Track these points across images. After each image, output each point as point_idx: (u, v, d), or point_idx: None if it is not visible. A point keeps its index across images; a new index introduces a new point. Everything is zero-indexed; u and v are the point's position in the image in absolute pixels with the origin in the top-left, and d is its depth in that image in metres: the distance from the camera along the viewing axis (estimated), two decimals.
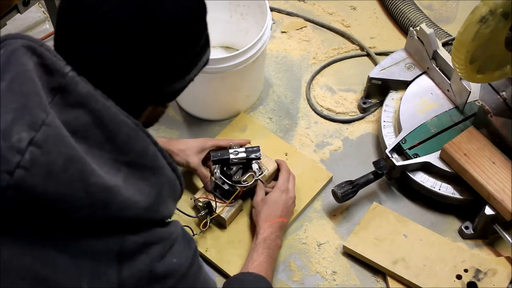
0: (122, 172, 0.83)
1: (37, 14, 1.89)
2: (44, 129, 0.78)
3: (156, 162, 0.86)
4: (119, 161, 0.83)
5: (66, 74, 0.82)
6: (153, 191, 0.85)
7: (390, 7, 1.88)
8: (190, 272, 0.93)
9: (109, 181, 0.80)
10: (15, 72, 0.82)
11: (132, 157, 0.84)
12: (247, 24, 1.71)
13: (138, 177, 0.84)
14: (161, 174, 0.87)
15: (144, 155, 0.85)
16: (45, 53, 0.83)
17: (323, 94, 1.73)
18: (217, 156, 1.40)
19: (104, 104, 0.82)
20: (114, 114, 0.82)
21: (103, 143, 0.82)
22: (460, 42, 1.22)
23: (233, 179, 1.41)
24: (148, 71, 0.86)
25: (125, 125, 0.83)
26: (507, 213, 1.35)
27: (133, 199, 0.82)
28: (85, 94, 0.82)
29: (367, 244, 1.42)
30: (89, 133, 0.81)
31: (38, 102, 0.80)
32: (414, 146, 1.49)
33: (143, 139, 0.85)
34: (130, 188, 0.83)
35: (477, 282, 1.33)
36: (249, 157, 1.40)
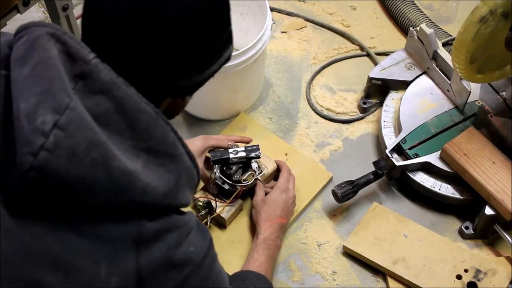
0: (142, 158, 0.84)
1: (37, 14, 1.89)
2: (68, 112, 0.79)
3: (175, 149, 0.87)
4: (139, 147, 0.84)
5: (90, 61, 0.83)
6: (172, 178, 0.86)
7: (390, 7, 1.88)
8: (206, 261, 0.93)
9: (130, 166, 0.81)
10: (39, 58, 0.83)
11: (151, 144, 0.85)
12: (247, 24, 1.71)
13: (157, 164, 0.85)
14: (179, 162, 0.88)
15: (164, 142, 0.86)
16: (69, 40, 0.85)
17: (323, 94, 1.73)
18: (217, 156, 1.40)
19: (126, 91, 0.83)
20: (135, 102, 0.84)
21: (124, 130, 0.83)
22: (460, 42, 1.22)
23: (233, 179, 1.41)
24: (159, 66, 0.87)
25: (146, 112, 0.84)
26: (507, 213, 1.35)
27: (152, 184, 0.83)
28: (108, 81, 0.83)
29: (367, 244, 1.42)
30: (111, 120, 0.83)
31: (62, 86, 0.81)
32: (414, 146, 1.49)
33: (163, 127, 0.86)
34: (149, 174, 0.84)
35: (477, 282, 1.33)
36: (249, 156, 1.40)
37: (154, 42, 0.85)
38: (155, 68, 0.87)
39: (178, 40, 0.87)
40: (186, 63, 0.89)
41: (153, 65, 0.87)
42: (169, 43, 0.86)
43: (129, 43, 0.85)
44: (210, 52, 0.93)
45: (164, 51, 0.86)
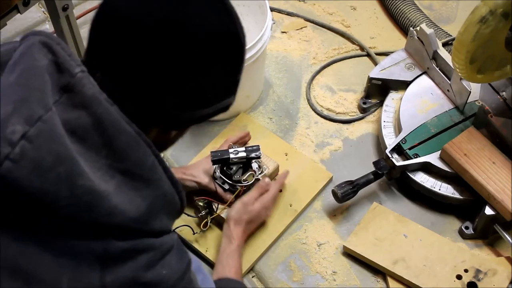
0: (116, 179, 0.82)
1: (37, 14, 1.89)
2: (38, 125, 0.78)
3: (154, 174, 0.85)
4: (114, 167, 0.82)
5: (75, 74, 0.83)
6: (144, 203, 0.84)
7: (390, 7, 1.88)
8: (180, 285, 0.91)
9: (99, 185, 0.80)
10: (25, 66, 0.83)
11: (128, 166, 0.83)
12: (247, 24, 1.69)
13: (131, 187, 0.83)
14: (156, 187, 0.86)
15: (141, 165, 0.84)
16: (60, 51, 0.84)
17: (323, 94, 1.73)
18: (217, 156, 1.40)
19: (107, 108, 0.82)
20: (114, 120, 0.82)
21: (100, 148, 0.82)
22: (460, 42, 1.22)
23: (233, 179, 1.41)
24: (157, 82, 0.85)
25: (125, 132, 0.82)
26: (507, 213, 1.35)
27: (120, 207, 0.81)
28: (90, 96, 0.82)
29: (367, 244, 1.42)
30: (88, 135, 0.82)
31: (39, 97, 0.80)
32: (414, 146, 1.49)
33: (143, 149, 0.84)
34: (120, 196, 0.82)
35: (477, 282, 1.33)
36: (249, 156, 1.40)
37: (159, 61, 0.84)
38: (151, 84, 0.85)
39: (186, 66, 0.85)
40: (185, 94, 0.87)
41: (150, 81, 0.85)
42: (174, 67, 0.84)
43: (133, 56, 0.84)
44: (212, 92, 0.91)
45: (165, 74, 0.85)
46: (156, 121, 0.90)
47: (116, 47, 0.85)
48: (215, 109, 0.93)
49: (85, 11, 1.87)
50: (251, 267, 1.41)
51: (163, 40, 0.83)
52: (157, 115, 0.88)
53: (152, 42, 0.83)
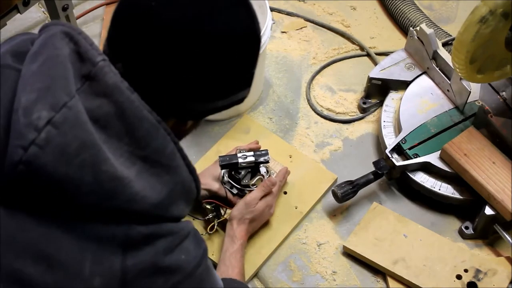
0: (137, 166, 0.83)
1: (37, 14, 1.89)
2: (64, 111, 0.79)
3: (173, 161, 0.86)
4: (136, 154, 0.84)
5: (97, 63, 0.84)
6: (164, 189, 0.86)
7: (390, 7, 1.88)
8: (197, 272, 0.92)
9: (121, 172, 0.81)
10: (47, 55, 0.84)
11: (148, 153, 0.84)
12: None
13: (152, 173, 0.84)
14: (175, 174, 0.87)
15: (161, 152, 0.85)
16: (81, 41, 0.85)
17: (323, 94, 1.73)
18: (226, 160, 1.39)
19: (129, 97, 0.83)
20: (136, 108, 0.83)
21: (122, 135, 0.83)
22: (460, 42, 1.22)
23: (242, 183, 1.40)
24: (177, 77, 0.87)
25: (146, 120, 0.84)
26: (507, 213, 1.35)
27: (141, 193, 0.83)
28: (111, 84, 0.83)
29: (367, 244, 1.42)
30: (110, 123, 0.82)
31: (63, 85, 0.81)
32: (414, 146, 1.49)
33: (163, 137, 0.85)
34: (141, 182, 0.83)
35: (477, 282, 1.34)
36: (258, 160, 1.40)
37: (180, 53, 0.85)
38: (170, 76, 0.87)
39: (205, 59, 0.87)
40: (203, 86, 0.89)
41: (169, 73, 0.87)
42: (194, 59, 0.86)
43: (155, 48, 0.85)
44: (229, 85, 0.93)
45: (185, 66, 0.86)
46: (174, 111, 0.91)
47: (137, 40, 0.86)
48: (230, 101, 0.95)
49: (85, 11, 1.87)
50: (256, 271, 1.41)
51: (182, 34, 0.84)
52: (175, 106, 0.90)
53: (171, 36, 0.84)
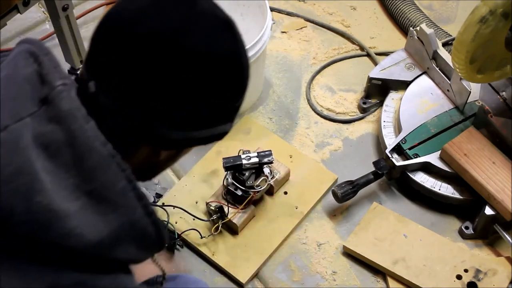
0: (81, 201, 0.78)
1: (37, 14, 1.89)
2: (3, 134, 0.76)
3: (122, 200, 0.80)
4: (81, 188, 0.78)
5: (55, 87, 0.80)
6: (106, 229, 0.79)
7: (390, 7, 1.88)
8: None
9: (59, 205, 0.76)
10: (5, 74, 0.82)
11: (95, 186, 0.79)
12: (247, 24, 1.70)
13: (96, 210, 0.79)
14: (123, 214, 0.80)
15: (109, 189, 0.79)
16: (45, 62, 0.82)
17: (323, 94, 1.73)
18: (230, 162, 1.38)
19: (82, 125, 0.78)
20: (88, 138, 0.78)
21: (70, 166, 0.78)
22: (460, 42, 1.22)
23: (246, 184, 1.40)
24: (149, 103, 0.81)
25: (97, 152, 0.78)
26: (507, 213, 1.35)
27: (78, 230, 0.77)
28: (66, 111, 0.79)
29: (367, 244, 1.42)
30: (59, 152, 0.78)
31: (10, 107, 0.78)
32: (414, 146, 1.49)
33: (114, 172, 0.79)
34: (82, 218, 0.78)
35: (477, 282, 1.34)
36: (262, 161, 1.39)
37: (158, 75, 0.79)
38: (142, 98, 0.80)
39: (184, 84, 0.80)
40: (179, 112, 0.82)
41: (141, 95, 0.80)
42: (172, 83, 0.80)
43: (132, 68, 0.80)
44: (208, 115, 0.85)
45: (162, 88, 0.80)
46: (145, 138, 0.85)
47: (111, 59, 0.81)
48: (208, 133, 0.87)
49: (85, 11, 1.86)
50: (256, 271, 1.41)
51: (158, 54, 0.79)
52: (146, 132, 0.83)
53: (147, 56, 0.79)
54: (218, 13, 0.85)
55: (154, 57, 0.79)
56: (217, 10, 0.85)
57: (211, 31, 0.82)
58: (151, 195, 1.49)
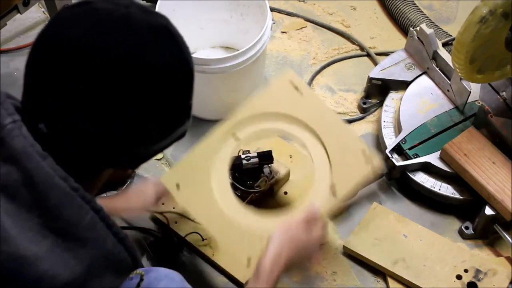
0: (48, 240, 0.76)
1: (37, 14, 1.89)
2: None
3: (91, 233, 0.79)
4: (48, 227, 0.76)
5: (5, 126, 0.77)
6: (78, 265, 0.77)
7: (390, 7, 1.88)
8: None
9: (26, 250, 0.74)
10: None
11: (61, 224, 0.77)
12: (247, 24, 1.71)
13: (65, 248, 0.77)
14: (94, 247, 0.79)
15: (76, 224, 0.78)
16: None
17: (323, 94, 1.73)
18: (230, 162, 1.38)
19: (38, 163, 0.76)
20: (46, 175, 0.76)
21: (31, 206, 0.76)
22: (460, 42, 1.22)
23: (246, 185, 1.40)
24: (103, 134, 0.79)
25: (58, 188, 0.76)
26: (507, 213, 1.35)
27: (51, 272, 0.75)
28: (19, 149, 0.76)
29: (367, 244, 1.42)
30: (18, 192, 0.76)
31: None
32: (414, 146, 1.49)
33: (79, 207, 0.77)
34: (52, 258, 0.76)
35: (477, 282, 1.33)
36: (262, 161, 1.39)
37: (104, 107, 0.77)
38: (99, 135, 0.78)
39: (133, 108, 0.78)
40: (136, 134, 0.81)
41: (98, 132, 0.78)
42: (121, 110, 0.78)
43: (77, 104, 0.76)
44: (164, 126, 0.84)
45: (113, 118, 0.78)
46: (110, 163, 0.83)
47: (54, 95, 0.77)
48: (172, 139, 0.87)
49: None
50: None
51: (105, 78, 0.76)
52: (110, 157, 0.82)
53: (95, 82, 0.76)
54: (152, 22, 0.81)
55: (99, 83, 0.76)
56: (151, 18, 0.81)
57: (150, 42, 0.79)
58: None
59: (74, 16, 0.79)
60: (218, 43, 1.79)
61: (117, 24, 0.78)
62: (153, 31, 0.80)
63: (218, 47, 1.79)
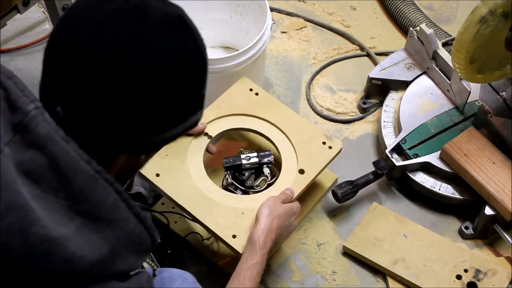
0: (75, 222, 0.78)
1: (37, 14, 1.89)
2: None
3: (115, 214, 0.80)
4: (74, 209, 0.78)
5: (28, 112, 0.78)
6: (105, 246, 0.79)
7: (390, 7, 1.88)
8: None
9: (55, 231, 0.76)
10: None
11: (87, 207, 0.78)
12: (247, 24, 1.71)
13: (91, 229, 0.78)
14: (118, 227, 0.81)
15: (101, 206, 0.79)
16: (11, 87, 0.80)
17: (323, 94, 1.73)
18: (229, 162, 1.38)
19: (63, 147, 0.77)
20: (71, 159, 0.77)
21: (57, 189, 0.77)
22: (460, 42, 1.22)
23: (246, 185, 1.40)
24: (118, 118, 0.80)
25: (83, 172, 0.78)
26: (507, 213, 1.35)
27: (78, 253, 0.77)
28: (44, 135, 0.77)
29: (367, 244, 1.42)
30: (44, 177, 0.77)
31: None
32: (414, 146, 1.49)
33: (103, 189, 0.79)
34: (80, 240, 0.77)
35: (477, 282, 1.34)
36: (262, 161, 1.39)
37: (118, 93, 0.79)
38: (113, 120, 0.80)
39: (145, 96, 0.80)
40: (148, 121, 0.82)
41: (112, 117, 0.80)
42: (133, 98, 0.79)
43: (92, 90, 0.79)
44: (176, 114, 0.86)
45: (126, 104, 0.79)
46: (124, 148, 0.85)
47: (71, 80, 0.79)
48: (184, 127, 0.88)
49: None
50: None
51: (119, 65, 0.78)
52: (124, 143, 0.83)
53: (109, 69, 0.78)
54: (168, 11, 0.82)
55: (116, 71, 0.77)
56: (167, 8, 0.82)
57: (165, 33, 0.80)
58: (150, 196, 1.49)
59: (92, 2, 0.81)
60: (218, 43, 1.79)
61: (132, 12, 0.79)
62: (168, 21, 0.81)
63: (218, 47, 1.79)
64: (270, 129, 1.43)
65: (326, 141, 1.40)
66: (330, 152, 1.39)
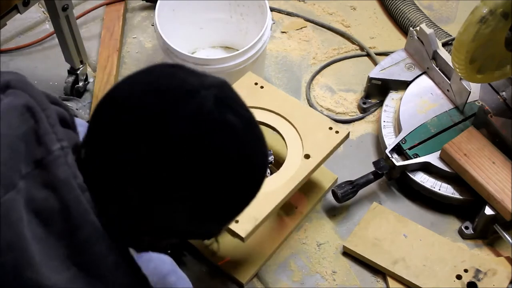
0: (71, 272, 0.76)
1: (37, 14, 1.89)
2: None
3: (113, 273, 0.78)
4: (72, 259, 0.77)
5: (52, 151, 0.77)
6: None
7: (390, 7, 1.88)
8: None
9: (48, 279, 0.75)
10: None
11: (86, 259, 0.77)
12: (247, 24, 1.71)
13: (85, 282, 0.77)
14: (113, 286, 0.79)
15: (100, 261, 0.78)
16: (43, 120, 0.79)
17: (323, 94, 1.73)
18: None
19: (77, 196, 0.76)
20: (83, 210, 0.76)
21: (62, 235, 0.76)
22: (460, 42, 1.22)
23: None
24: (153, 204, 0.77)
25: (91, 225, 0.76)
26: (507, 213, 1.35)
27: None
28: (62, 179, 0.76)
29: (367, 244, 1.42)
30: (52, 220, 0.76)
31: (3, 173, 0.75)
32: (414, 146, 1.49)
33: (106, 244, 0.77)
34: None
35: (477, 282, 1.34)
36: None
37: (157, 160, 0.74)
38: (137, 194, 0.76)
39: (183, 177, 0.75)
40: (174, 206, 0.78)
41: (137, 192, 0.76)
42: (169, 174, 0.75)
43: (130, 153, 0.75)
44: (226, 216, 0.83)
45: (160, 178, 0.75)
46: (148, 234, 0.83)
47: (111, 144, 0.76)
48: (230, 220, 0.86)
49: (85, 11, 1.86)
50: (256, 271, 1.40)
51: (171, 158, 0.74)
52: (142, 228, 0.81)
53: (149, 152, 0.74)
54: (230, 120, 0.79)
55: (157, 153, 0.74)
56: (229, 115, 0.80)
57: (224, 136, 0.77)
58: None
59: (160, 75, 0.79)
60: (218, 43, 1.79)
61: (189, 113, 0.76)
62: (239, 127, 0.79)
63: (218, 47, 1.79)
64: (275, 118, 1.42)
65: (333, 126, 1.40)
66: (336, 137, 1.38)
